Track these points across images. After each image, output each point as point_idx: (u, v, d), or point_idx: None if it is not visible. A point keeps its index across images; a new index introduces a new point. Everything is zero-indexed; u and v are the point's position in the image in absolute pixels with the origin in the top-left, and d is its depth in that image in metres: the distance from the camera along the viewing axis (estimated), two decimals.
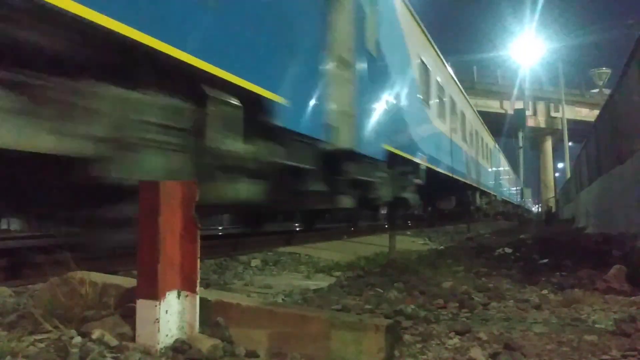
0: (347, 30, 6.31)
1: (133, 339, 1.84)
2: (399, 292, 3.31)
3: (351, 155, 6.25)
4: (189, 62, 3.27)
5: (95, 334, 1.82)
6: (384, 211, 11.86)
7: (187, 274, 1.92)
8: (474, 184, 18.13)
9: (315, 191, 5.55)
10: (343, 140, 5.87)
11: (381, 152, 7.50)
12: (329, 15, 5.80)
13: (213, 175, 3.69)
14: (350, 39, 6.39)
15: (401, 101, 8.96)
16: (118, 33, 2.73)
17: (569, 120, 31.63)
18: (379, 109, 7.59)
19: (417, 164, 9.78)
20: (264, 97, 4.15)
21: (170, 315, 1.86)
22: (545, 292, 3.42)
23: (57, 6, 2.43)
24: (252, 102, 4.01)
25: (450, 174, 13.31)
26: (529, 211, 47.25)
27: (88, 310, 2.01)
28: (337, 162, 6.01)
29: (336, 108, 5.77)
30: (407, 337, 2.18)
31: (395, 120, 8.51)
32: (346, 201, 6.46)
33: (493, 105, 40.08)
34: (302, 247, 6.24)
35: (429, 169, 10.51)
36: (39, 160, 2.62)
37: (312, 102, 5.24)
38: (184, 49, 3.21)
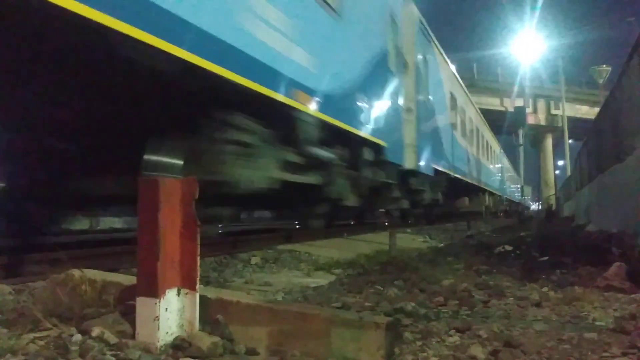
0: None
1: (133, 336, 1.84)
2: (399, 289, 3.31)
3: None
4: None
5: (95, 332, 1.82)
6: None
7: (187, 271, 1.92)
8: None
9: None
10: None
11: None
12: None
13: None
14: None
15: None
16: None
17: (569, 118, 31.58)
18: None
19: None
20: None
21: (170, 313, 1.86)
22: (545, 289, 3.42)
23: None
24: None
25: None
26: (527, 208, 47.36)
27: (88, 308, 2.01)
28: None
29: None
30: (407, 334, 2.17)
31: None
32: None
33: (493, 103, 40.03)
34: (302, 244, 6.24)
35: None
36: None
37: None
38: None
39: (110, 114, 3.78)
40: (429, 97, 11.43)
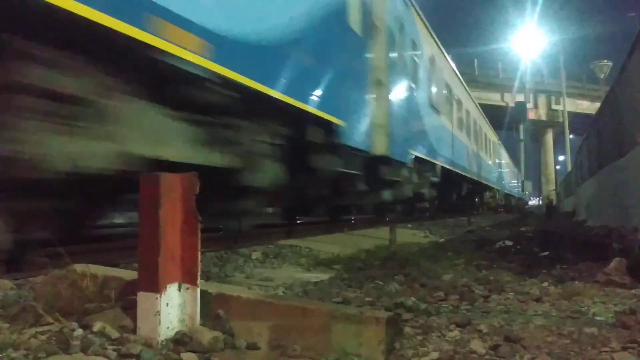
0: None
1: (134, 331, 1.85)
2: (400, 284, 3.31)
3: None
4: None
5: (97, 327, 1.82)
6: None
7: (188, 266, 1.92)
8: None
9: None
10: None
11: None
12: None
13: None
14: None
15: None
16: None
17: (570, 113, 31.57)
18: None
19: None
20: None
21: (171, 308, 1.87)
22: (545, 284, 3.42)
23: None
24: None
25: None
26: (526, 203, 47.38)
27: (89, 302, 2.02)
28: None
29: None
30: (407, 329, 2.18)
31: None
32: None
33: (494, 98, 39.99)
34: (303, 239, 6.25)
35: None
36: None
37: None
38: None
39: None
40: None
